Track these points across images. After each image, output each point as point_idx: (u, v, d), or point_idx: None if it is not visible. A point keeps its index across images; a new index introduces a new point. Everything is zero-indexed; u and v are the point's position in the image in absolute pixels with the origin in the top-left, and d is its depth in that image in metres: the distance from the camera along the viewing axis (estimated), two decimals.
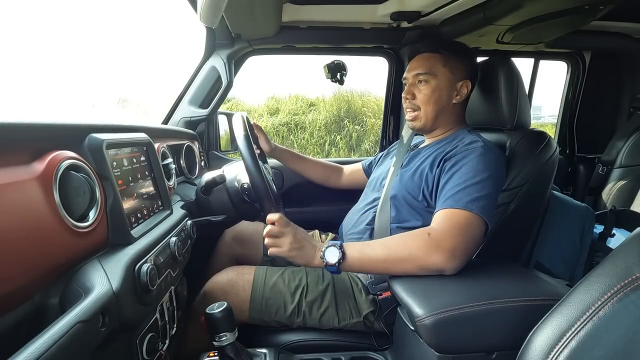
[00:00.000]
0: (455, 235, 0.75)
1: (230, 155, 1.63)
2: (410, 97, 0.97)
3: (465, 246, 0.75)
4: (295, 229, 0.81)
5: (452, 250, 0.74)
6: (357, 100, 6.85)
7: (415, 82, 0.96)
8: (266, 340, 0.92)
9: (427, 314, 0.65)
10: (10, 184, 0.42)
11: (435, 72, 0.94)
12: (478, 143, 0.88)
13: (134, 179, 0.70)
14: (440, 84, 0.94)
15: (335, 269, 0.78)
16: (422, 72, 0.95)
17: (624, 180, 1.58)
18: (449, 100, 0.96)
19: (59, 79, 12.47)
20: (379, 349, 0.90)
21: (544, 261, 1.04)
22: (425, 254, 0.74)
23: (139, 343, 0.60)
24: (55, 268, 0.47)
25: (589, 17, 1.07)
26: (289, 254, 0.79)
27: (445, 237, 0.75)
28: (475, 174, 0.81)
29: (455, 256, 0.74)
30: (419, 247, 0.75)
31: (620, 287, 0.41)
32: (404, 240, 0.77)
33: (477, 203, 0.78)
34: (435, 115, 0.96)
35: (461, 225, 0.76)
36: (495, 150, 0.88)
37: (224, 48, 1.37)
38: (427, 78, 0.94)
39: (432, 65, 0.94)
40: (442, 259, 0.73)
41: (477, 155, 0.84)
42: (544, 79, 1.88)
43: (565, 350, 0.42)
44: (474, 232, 0.77)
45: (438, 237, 0.75)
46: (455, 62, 0.95)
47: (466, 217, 0.77)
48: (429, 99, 0.95)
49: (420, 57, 0.97)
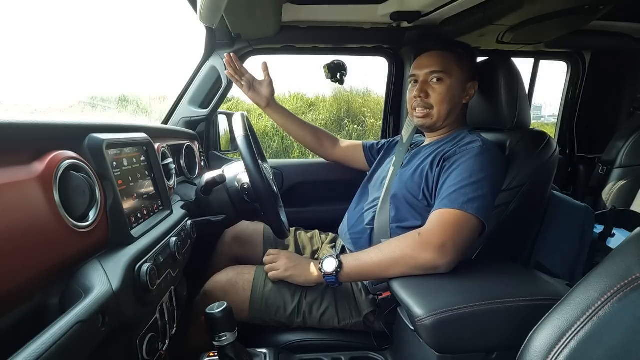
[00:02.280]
0: (444, 232, 0.76)
1: (230, 155, 1.63)
2: (424, 96, 0.94)
3: (455, 242, 0.75)
4: (288, 252, 0.91)
5: (441, 247, 0.74)
6: (357, 100, 6.86)
7: (428, 79, 0.94)
8: (266, 340, 0.92)
9: (427, 314, 0.65)
10: (10, 184, 0.42)
11: (450, 71, 0.92)
12: (477, 142, 0.88)
13: (134, 179, 0.70)
14: (455, 84, 0.93)
15: (334, 278, 0.81)
16: (437, 69, 0.92)
17: (624, 180, 1.58)
18: (459, 101, 0.95)
19: (58, 79, 12.48)
20: (379, 349, 0.90)
21: (544, 261, 1.04)
22: (415, 252, 0.75)
23: (139, 343, 0.60)
24: (55, 268, 0.47)
25: (589, 17, 1.07)
26: (286, 273, 0.87)
27: (434, 235, 0.76)
28: (471, 174, 0.81)
29: (446, 252, 0.74)
30: (409, 246, 0.76)
31: (620, 287, 0.41)
32: (396, 242, 0.80)
33: (472, 204, 0.78)
34: (447, 114, 0.95)
35: (451, 223, 0.77)
36: (494, 150, 0.88)
37: (224, 48, 1.37)
38: (443, 76, 0.92)
39: (447, 63, 0.92)
40: (432, 255, 0.74)
41: (474, 155, 0.84)
42: (544, 79, 1.88)
43: (565, 350, 0.42)
44: (465, 230, 0.77)
45: (427, 235, 0.76)
46: (466, 62, 0.94)
47: (458, 216, 0.77)
48: (444, 98, 0.93)
49: (433, 55, 0.94)
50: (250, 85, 1.16)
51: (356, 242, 1.00)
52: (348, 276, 0.82)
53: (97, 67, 12.89)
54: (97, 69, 12.98)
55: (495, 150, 0.89)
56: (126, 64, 13.93)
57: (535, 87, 1.78)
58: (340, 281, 0.82)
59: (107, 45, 18.17)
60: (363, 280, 0.90)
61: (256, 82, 1.16)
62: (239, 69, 1.15)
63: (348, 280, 0.85)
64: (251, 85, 1.17)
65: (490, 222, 0.81)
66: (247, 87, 1.16)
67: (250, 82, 1.16)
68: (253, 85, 1.16)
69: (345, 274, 0.81)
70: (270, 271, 0.90)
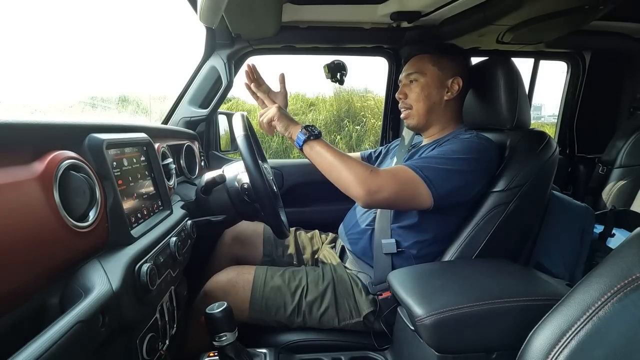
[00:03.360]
0: (387, 181, 0.80)
1: (230, 155, 1.63)
2: (403, 97, 1.01)
3: (388, 192, 0.79)
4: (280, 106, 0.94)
5: (374, 193, 0.79)
6: (357, 100, 6.86)
7: (408, 82, 1.00)
8: (266, 340, 0.92)
9: (427, 314, 0.65)
10: (10, 184, 0.42)
11: (424, 70, 0.97)
12: (468, 134, 0.91)
13: (134, 179, 0.70)
14: (429, 82, 0.97)
15: (300, 141, 0.85)
16: (412, 71, 0.99)
17: (624, 180, 1.58)
18: (439, 97, 0.98)
19: (58, 79, 12.48)
20: (379, 349, 0.90)
21: (544, 261, 1.04)
22: (354, 181, 0.79)
23: (139, 343, 0.60)
24: (55, 268, 0.47)
25: (589, 17, 1.07)
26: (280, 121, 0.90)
27: (376, 177, 0.79)
28: (445, 153, 0.85)
29: (373, 198, 0.79)
30: (357, 174, 0.80)
31: (620, 287, 0.41)
32: (354, 162, 0.82)
33: (428, 171, 0.81)
34: (427, 111, 0.98)
35: (397, 176, 0.81)
36: (485, 141, 0.90)
37: (224, 48, 1.37)
38: (417, 77, 0.98)
39: (421, 65, 0.98)
40: (361, 193, 0.79)
41: (458, 141, 0.88)
42: (544, 79, 1.88)
43: (565, 350, 0.42)
44: (407, 187, 0.80)
45: (371, 176, 0.80)
46: (445, 61, 0.98)
47: (407, 173, 0.81)
48: (419, 96, 0.98)
49: (412, 59, 1.01)
50: (266, 96, 1.08)
51: (356, 243, 1.00)
52: (309, 149, 0.85)
53: (97, 67, 12.91)
54: (98, 69, 13.00)
55: (486, 142, 0.90)
56: (126, 64, 13.94)
57: (535, 87, 1.79)
58: (301, 147, 0.86)
59: (107, 46, 18.18)
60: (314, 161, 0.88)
61: (272, 94, 1.07)
62: (257, 79, 1.08)
63: (305, 154, 0.87)
64: (267, 97, 1.08)
65: (443, 202, 0.82)
66: (262, 100, 1.08)
67: (266, 94, 1.08)
68: (269, 97, 1.08)
69: (309, 146, 0.85)
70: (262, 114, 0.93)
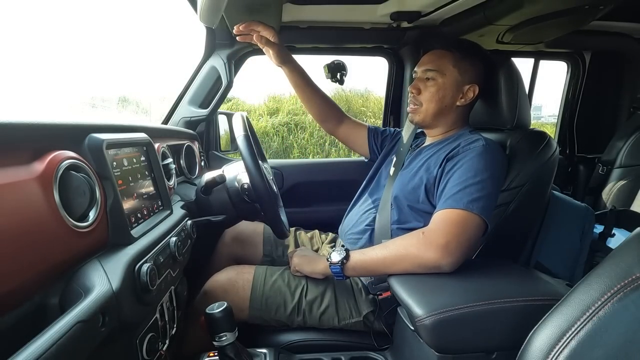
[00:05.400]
0: (448, 232, 0.76)
1: (230, 155, 1.63)
2: (416, 92, 0.96)
3: (459, 242, 0.75)
4: (300, 250, 1.01)
5: (444, 246, 0.74)
6: (357, 100, 6.85)
7: (424, 77, 0.95)
8: (266, 340, 0.92)
9: (427, 314, 0.65)
10: (10, 184, 0.42)
11: (444, 70, 0.92)
12: (479, 142, 0.87)
13: (134, 179, 0.70)
14: (447, 84, 0.93)
15: (339, 269, 0.83)
16: (430, 68, 0.93)
17: (624, 180, 1.58)
18: (452, 102, 0.94)
19: (58, 79, 12.48)
20: (379, 348, 0.90)
21: (544, 261, 1.04)
22: (419, 251, 0.76)
23: (139, 343, 0.60)
24: (55, 268, 0.47)
25: (589, 17, 1.07)
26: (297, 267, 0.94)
27: (438, 234, 0.76)
28: (475, 173, 0.81)
29: (450, 252, 0.74)
30: (414, 245, 0.77)
31: (620, 287, 0.41)
32: (401, 240, 0.81)
33: (477, 203, 0.78)
34: (436, 114, 0.95)
35: (455, 223, 0.77)
36: (497, 149, 0.88)
37: (224, 48, 1.37)
38: (435, 75, 0.93)
39: (442, 63, 0.93)
40: (435, 255, 0.75)
41: (477, 154, 0.84)
42: (544, 79, 1.88)
43: (565, 350, 0.42)
44: (469, 230, 0.77)
45: (431, 235, 0.77)
46: (466, 64, 0.93)
47: (462, 216, 0.77)
48: (433, 97, 0.94)
49: (433, 53, 0.96)
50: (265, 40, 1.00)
51: (356, 243, 1.00)
52: (353, 269, 0.84)
53: (97, 68, 12.90)
54: (98, 69, 12.99)
55: (498, 150, 0.89)
56: (126, 65, 13.94)
57: (535, 87, 1.79)
58: (345, 273, 0.84)
59: (107, 46, 18.19)
60: (367, 275, 0.91)
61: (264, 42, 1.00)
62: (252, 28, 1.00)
63: (352, 274, 0.86)
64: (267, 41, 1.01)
65: (492, 222, 0.81)
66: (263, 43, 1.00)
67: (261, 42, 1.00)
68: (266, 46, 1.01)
69: (351, 266, 0.83)
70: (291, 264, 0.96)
